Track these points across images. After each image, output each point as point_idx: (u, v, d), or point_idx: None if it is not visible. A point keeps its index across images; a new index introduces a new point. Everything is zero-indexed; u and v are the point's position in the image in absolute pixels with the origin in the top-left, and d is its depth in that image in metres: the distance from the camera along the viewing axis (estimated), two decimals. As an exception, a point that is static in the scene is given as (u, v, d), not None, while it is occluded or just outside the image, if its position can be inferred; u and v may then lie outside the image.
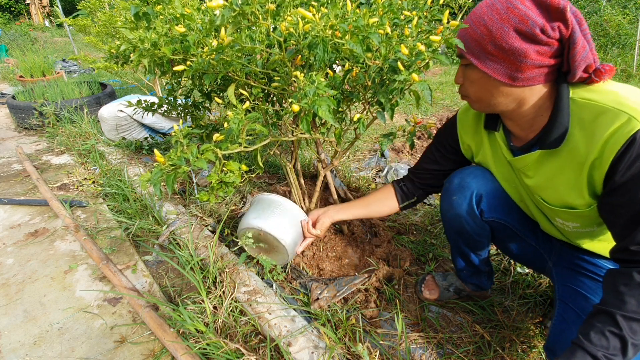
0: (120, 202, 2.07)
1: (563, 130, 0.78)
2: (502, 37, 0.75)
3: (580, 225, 0.90)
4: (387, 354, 1.13)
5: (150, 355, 1.19)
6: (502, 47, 0.75)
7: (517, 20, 0.73)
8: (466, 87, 0.88)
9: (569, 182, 0.82)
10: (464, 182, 1.08)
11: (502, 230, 1.10)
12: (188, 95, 1.57)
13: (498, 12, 0.75)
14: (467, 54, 0.81)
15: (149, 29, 1.10)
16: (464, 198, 1.07)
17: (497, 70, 0.78)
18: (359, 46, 0.88)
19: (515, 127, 0.90)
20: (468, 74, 0.85)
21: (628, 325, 0.69)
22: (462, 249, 1.18)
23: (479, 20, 0.78)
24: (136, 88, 4.52)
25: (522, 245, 1.13)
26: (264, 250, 1.39)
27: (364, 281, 1.38)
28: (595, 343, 0.70)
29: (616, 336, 0.69)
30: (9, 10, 15.55)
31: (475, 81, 0.84)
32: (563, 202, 0.86)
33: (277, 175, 2.34)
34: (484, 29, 0.77)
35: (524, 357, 1.13)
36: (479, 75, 0.82)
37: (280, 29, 0.93)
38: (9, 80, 6.08)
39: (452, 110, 3.80)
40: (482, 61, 0.79)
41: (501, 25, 0.75)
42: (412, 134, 1.28)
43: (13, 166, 2.74)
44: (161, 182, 0.90)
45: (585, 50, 0.72)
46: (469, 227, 1.09)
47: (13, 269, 1.61)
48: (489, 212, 1.07)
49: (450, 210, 1.11)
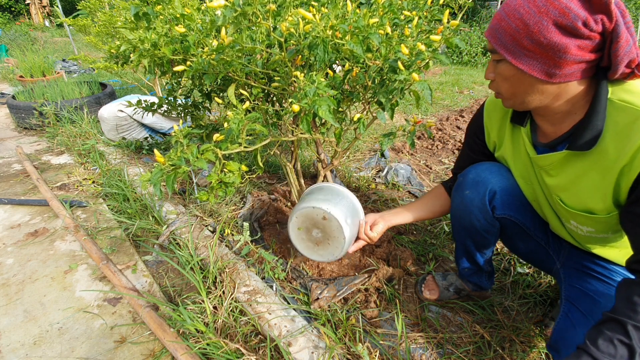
0: (120, 202, 2.07)
1: (596, 133, 0.75)
2: (540, 32, 0.70)
3: (595, 231, 0.89)
4: (387, 354, 1.13)
5: (150, 355, 1.19)
6: (540, 42, 0.70)
7: (558, 13, 0.68)
8: (498, 84, 0.83)
9: (593, 185, 0.80)
10: (479, 177, 1.06)
11: (512, 228, 1.09)
12: (188, 95, 1.57)
13: (536, 4, 0.70)
14: (500, 49, 0.76)
15: (149, 29, 1.10)
16: (477, 193, 1.06)
17: (533, 67, 0.73)
18: (359, 46, 0.88)
19: (545, 124, 0.87)
20: (500, 69, 0.80)
21: (638, 336, 0.67)
22: (467, 246, 1.17)
23: (514, 12, 0.72)
24: (136, 88, 4.52)
25: (532, 244, 1.11)
26: (313, 240, 1.28)
27: (364, 281, 1.38)
28: (602, 350, 0.69)
29: (625, 345, 0.68)
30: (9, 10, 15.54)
31: (509, 78, 0.79)
32: (583, 205, 0.84)
33: (277, 175, 2.34)
34: (519, 22, 0.71)
35: (524, 357, 1.13)
36: (513, 72, 0.77)
37: (281, 29, 0.93)
38: (9, 80, 6.08)
39: (452, 110, 3.80)
40: (516, 57, 0.74)
41: (539, 19, 0.69)
42: (412, 133, 1.28)
43: (13, 166, 2.74)
44: (161, 182, 0.90)
45: (628, 45, 0.68)
46: (479, 223, 1.09)
47: (13, 269, 1.61)
48: (502, 209, 1.06)
49: (461, 205, 1.10)
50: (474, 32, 7.81)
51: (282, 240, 1.65)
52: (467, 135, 1.16)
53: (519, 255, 1.22)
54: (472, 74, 6.01)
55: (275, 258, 1.51)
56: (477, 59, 7.29)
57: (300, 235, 1.28)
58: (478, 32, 7.78)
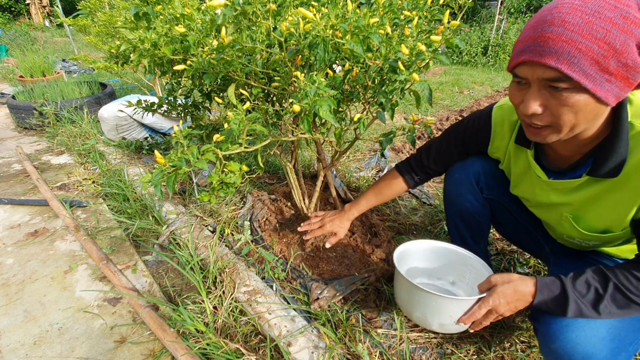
0: (120, 202, 2.07)
1: (621, 161, 0.72)
2: (627, 53, 0.61)
3: (601, 244, 0.90)
4: (387, 354, 1.13)
5: (150, 355, 1.19)
6: (627, 65, 0.62)
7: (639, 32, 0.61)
8: (553, 115, 0.69)
9: (612, 208, 0.78)
10: (466, 161, 1.13)
11: (500, 211, 1.15)
12: (188, 95, 1.57)
13: (613, 23, 0.60)
14: (578, 75, 0.63)
15: (149, 29, 1.10)
16: (465, 175, 1.12)
17: (611, 92, 0.64)
18: (359, 46, 0.88)
19: (563, 149, 0.82)
20: (565, 99, 0.66)
21: (613, 292, 0.73)
22: (462, 234, 1.21)
23: (590, 33, 0.61)
24: (136, 88, 4.52)
25: (520, 227, 1.16)
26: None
27: (363, 281, 1.38)
28: (576, 287, 0.76)
29: (597, 294, 0.75)
30: (9, 10, 15.54)
31: (581, 108, 0.66)
32: (598, 227, 0.84)
33: (277, 175, 2.34)
34: (603, 44, 0.61)
35: (524, 357, 1.13)
36: (589, 101, 0.65)
37: (281, 29, 0.93)
38: (9, 80, 6.08)
39: (452, 110, 3.80)
40: (597, 83, 0.63)
41: (625, 39, 0.60)
42: (412, 132, 1.28)
43: (13, 166, 2.74)
44: (162, 183, 0.90)
45: None
46: (471, 205, 1.14)
47: (13, 269, 1.61)
48: (488, 190, 1.12)
49: (452, 188, 1.16)
50: (474, 32, 7.81)
51: (282, 241, 1.65)
52: (461, 135, 1.12)
53: (508, 238, 1.27)
54: (472, 74, 6.01)
55: (275, 258, 1.51)
56: (477, 59, 7.29)
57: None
58: (478, 32, 7.79)
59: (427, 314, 0.95)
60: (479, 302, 0.87)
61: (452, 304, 0.91)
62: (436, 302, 0.92)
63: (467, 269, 1.14)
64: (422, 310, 0.96)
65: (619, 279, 0.74)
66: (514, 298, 0.82)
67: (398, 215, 1.86)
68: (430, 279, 1.25)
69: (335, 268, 1.49)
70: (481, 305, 0.85)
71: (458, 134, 1.12)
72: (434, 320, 0.95)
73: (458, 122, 1.13)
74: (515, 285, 0.82)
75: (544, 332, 0.82)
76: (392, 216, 1.84)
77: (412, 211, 1.92)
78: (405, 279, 0.97)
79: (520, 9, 8.62)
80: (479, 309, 0.86)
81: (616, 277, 0.74)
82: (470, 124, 1.08)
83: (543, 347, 0.84)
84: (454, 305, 0.91)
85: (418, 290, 0.94)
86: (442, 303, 0.91)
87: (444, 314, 0.93)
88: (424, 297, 0.94)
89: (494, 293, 0.84)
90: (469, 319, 0.88)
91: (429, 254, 1.21)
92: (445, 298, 0.90)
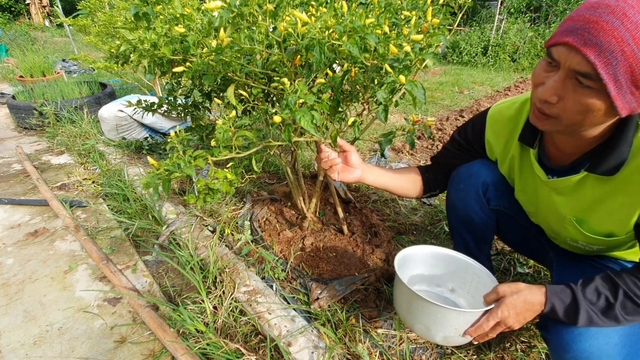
0: (120, 202, 2.07)
1: (622, 160, 0.73)
2: None
3: (606, 249, 0.89)
4: (387, 354, 1.13)
5: (150, 355, 1.19)
6: None
7: None
8: (564, 109, 0.68)
9: (615, 210, 0.78)
10: (471, 170, 1.08)
11: (506, 220, 1.11)
12: (188, 95, 1.57)
13: None
14: (609, 78, 0.60)
15: (148, 29, 1.10)
16: (471, 185, 1.07)
17: (629, 105, 0.63)
18: (355, 47, 0.88)
19: (566, 147, 0.82)
20: (583, 97, 0.64)
21: (623, 300, 0.73)
22: (467, 242, 1.18)
23: (629, 40, 0.57)
24: (136, 88, 4.52)
25: (525, 234, 1.13)
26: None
27: (364, 281, 1.38)
28: (586, 295, 0.75)
29: (607, 301, 0.74)
30: (9, 10, 15.54)
31: (592, 111, 0.65)
32: (603, 229, 0.83)
33: (277, 175, 2.34)
34: None
35: (524, 357, 1.13)
36: (602, 106, 0.64)
37: (279, 30, 0.93)
38: (9, 80, 6.08)
39: (452, 110, 3.80)
40: (622, 93, 0.61)
41: None
42: (411, 133, 1.28)
43: (13, 166, 2.74)
44: (158, 186, 0.91)
45: None
46: (476, 216, 1.10)
47: (13, 269, 1.61)
48: (495, 201, 1.07)
49: (457, 198, 1.11)
50: (474, 32, 7.81)
51: (282, 241, 1.65)
52: (461, 137, 1.12)
53: (513, 246, 1.24)
54: (472, 74, 6.00)
55: (275, 258, 1.51)
56: (477, 59, 7.29)
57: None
58: (478, 32, 7.78)
59: (431, 326, 0.90)
60: (486, 314, 0.83)
61: (459, 316, 0.85)
62: (442, 314, 0.86)
63: (470, 277, 1.09)
64: (425, 322, 0.91)
65: (628, 286, 0.73)
66: (523, 309, 0.78)
67: (398, 215, 1.86)
68: (429, 285, 1.19)
69: (335, 268, 1.49)
70: (489, 318, 0.81)
71: (461, 139, 1.13)
72: (438, 333, 0.90)
73: (464, 123, 1.14)
74: (524, 295, 0.79)
75: (555, 342, 0.80)
76: (392, 216, 1.84)
77: (412, 211, 1.92)
78: (408, 289, 0.91)
79: (520, 9, 8.61)
80: (487, 321, 0.81)
81: (625, 284, 0.73)
82: (470, 124, 1.09)
83: (555, 357, 0.82)
84: (460, 318, 0.85)
85: (422, 301, 0.87)
86: (448, 315, 0.85)
87: (449, 327, 0.87)
88: (429, 309, 0.87)
89: (502, 304, 0.80)
90: (475, 331, 0.83)
91: (430, 260, 1.16)
92: (452, 310, 0.84)
